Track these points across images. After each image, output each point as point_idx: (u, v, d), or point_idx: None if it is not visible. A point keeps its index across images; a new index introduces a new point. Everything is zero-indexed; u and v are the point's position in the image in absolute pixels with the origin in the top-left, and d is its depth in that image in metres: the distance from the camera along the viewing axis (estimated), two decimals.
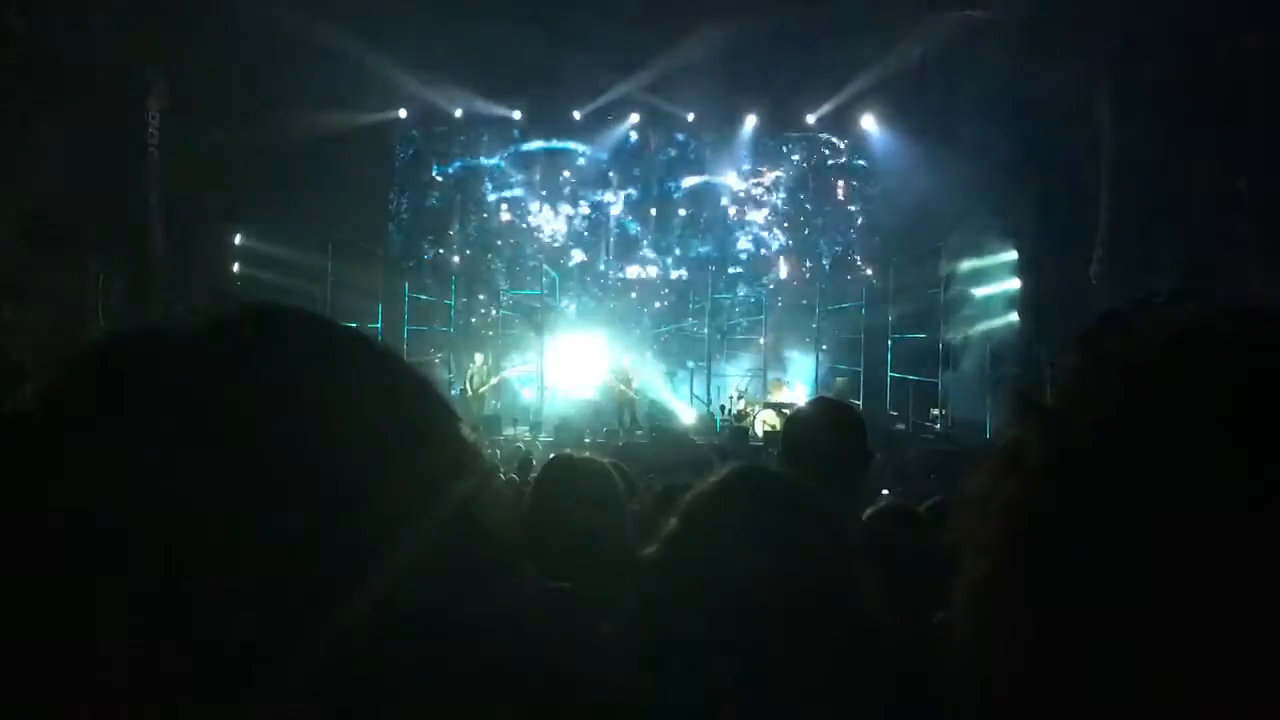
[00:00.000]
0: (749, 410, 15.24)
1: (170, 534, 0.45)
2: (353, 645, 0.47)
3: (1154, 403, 0.49)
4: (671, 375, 17.54)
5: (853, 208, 18.61)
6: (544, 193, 18.67)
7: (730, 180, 18.65)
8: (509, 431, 15.01)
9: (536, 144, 18.40)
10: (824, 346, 17.30)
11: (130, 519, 0.45)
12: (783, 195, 18.62)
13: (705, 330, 17.74)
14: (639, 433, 15.14)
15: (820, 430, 2.63)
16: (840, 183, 18.57)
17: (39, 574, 0.45)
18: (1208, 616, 0.45)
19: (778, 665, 1.14)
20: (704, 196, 18.69)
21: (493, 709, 0.52)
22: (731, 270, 18.67)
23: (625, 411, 15.77)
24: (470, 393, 15.57)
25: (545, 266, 18.31)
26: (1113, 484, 0.49)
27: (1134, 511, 0.48)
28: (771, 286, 18.58)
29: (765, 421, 14.62)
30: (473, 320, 18.28)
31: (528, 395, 17.07)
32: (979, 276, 15.75)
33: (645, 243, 18.79)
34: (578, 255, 18.74)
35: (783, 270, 18.71)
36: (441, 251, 18.65)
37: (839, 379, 16.99)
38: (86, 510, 0.46)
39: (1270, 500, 0.45)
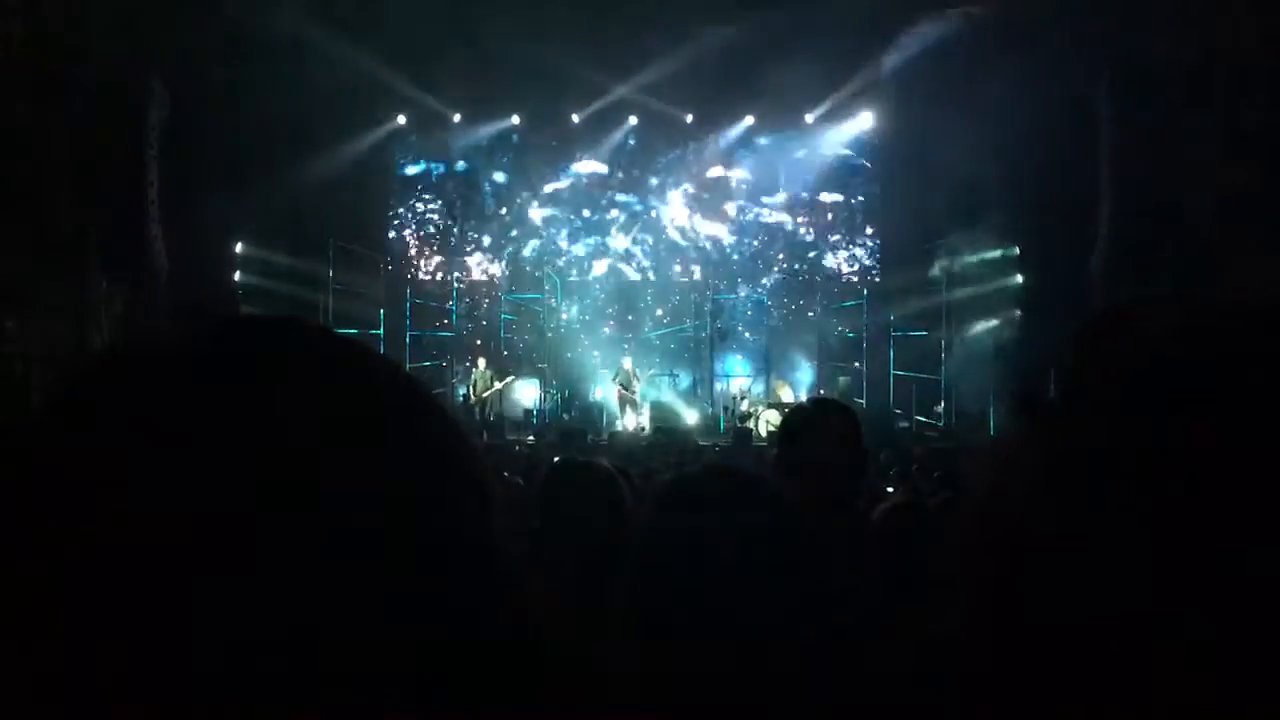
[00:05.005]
0: (753, 411, 15.24)
1: (165, 541, 0.46)
2: (346, 647, 0.47)
3: (1154, 401, 0.49)
4: (674, 377, 17.54)
5: (853, 204, 18.60)
6: (544, 196, 18.69)
7: (729, 180, 18.65)
8: (512, 436, 15.02)
9: (536, 147, 18.41)
10: (826, 345, 17.29)
11: (127, 527, 0.46)
12: (782, 194, 18.62)
13: (707, 331, 17.74)
14: (643, 435, 15.14)
15: (815, 430, 2.64)
16: (840, 180, 18.56)
17: (33, 580, 0.45)
18: (1213, 613, 0.45)
19: (726, 658, 1.16)
20: (702, 197, 18.69)
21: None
22: (732, 270, 18.67)
23: (629, 414, 15.78)
24: (473, 398, 15.59)
25: (547, 270, 18.33)
26: (1115, 482, 0.49)
27: (1137, 510, 0.48)
28: (773, 285, 18.58)
29: (769, 422, 14.62)
30: (475, 325, 18.29)
31: (530, 399, 17.07)
32: (981, 273, 15.74)
33: (647, 245, 18.79)
34: (579, 257, 18.75)
35: (784, 269, 18.69)
36: (442, 258, 18.66)
37: (842, 378, 16.99)
38: (83, 519, 0.46)
39: (1272, 498, 0.45)
